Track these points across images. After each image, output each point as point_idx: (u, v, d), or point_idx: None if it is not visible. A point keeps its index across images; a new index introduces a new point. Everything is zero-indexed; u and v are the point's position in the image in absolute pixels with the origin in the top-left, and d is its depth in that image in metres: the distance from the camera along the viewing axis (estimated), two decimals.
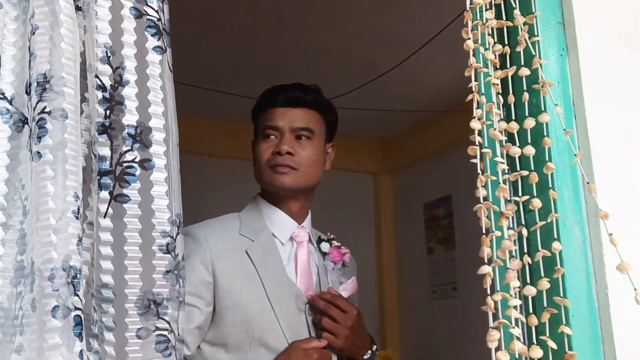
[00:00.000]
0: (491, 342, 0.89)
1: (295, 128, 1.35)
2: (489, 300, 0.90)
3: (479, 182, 0.95)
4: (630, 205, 1.06)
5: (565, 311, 0.97)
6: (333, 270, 1.39)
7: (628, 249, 1.03)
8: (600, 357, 0.99)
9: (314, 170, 1.35)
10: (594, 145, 1.05)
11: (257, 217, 1.37)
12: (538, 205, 0.98)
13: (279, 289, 1.28)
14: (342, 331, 1.27)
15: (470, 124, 0.96)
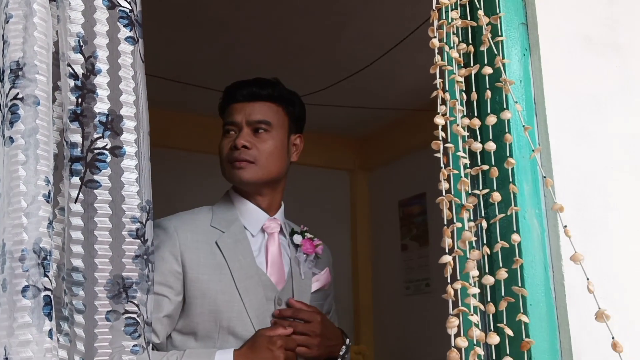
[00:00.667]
0: (450, 329, 0.93)
1: (252, 121, 1.37)
2: (449, 288, 0.94)
3: (441, 175, 0.98)
4: (587, 199, 1.11)
5: (523, 300, 1.01)
6: (305, 262, 1.41)
7: (583, 241, 1.08)
8: (556, 345, 1.03)
9: (273, 162, 1.37)
10: (553, 141, 1.10)
11: (229, 209, 1.39)
12: (498, 198, 1.02)
13: (248, 279, 1.30)
14: (313, 341, 1.31)
15: (434, 119, 1.00)
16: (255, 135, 1.37)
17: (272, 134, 1.37)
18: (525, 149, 1.09)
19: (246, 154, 1.34)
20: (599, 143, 1.16)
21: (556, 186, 1.08)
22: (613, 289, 1.09)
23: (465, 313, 0.94)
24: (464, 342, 0.92)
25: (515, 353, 0.99)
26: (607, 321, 0.92)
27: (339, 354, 1.38)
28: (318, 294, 1.44)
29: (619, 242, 1.12)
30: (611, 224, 1.12)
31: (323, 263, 1.49)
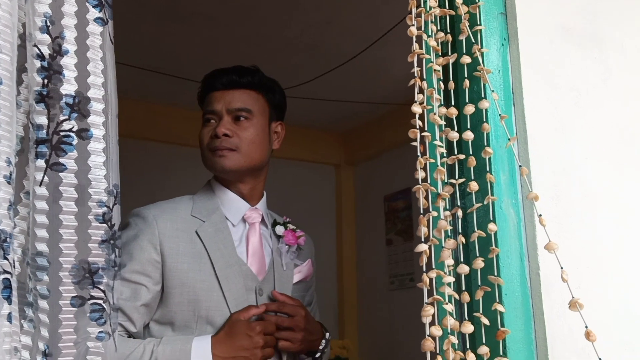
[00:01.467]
0: (425, 317, 0.92)
1: (232, 109, 1.35)
2: (424, 277, 0.94)
3: (418, 164, 0.98)
4: (564, 190, 1.11)
5: (499, 290, 1.01)
6: (287, 253, 1.40)
7: (559, 231, 1.08)
8: (531, 334, 1.03)
9: (255, 150, 1.35)
10: (530, 131, 1.09)
11: (210, 199, 1.38)
12: (475, 187, 1.02)
13: (228, 268, 1.28)
14: (297, 336, 1.29)
15: (411, 107, 0.99)
16: (235, 124, 1.35)
17: (253, 122, 1.36)
18: (503, 138, 1.08)
19: (227, 142, 1.33)
20: (577, 134, 1.16)
21: (533, 176, 1.08)
22: (588, 279, 1.09)
23: (440, 302, 0.93)
24: (438, 331, 0.92)
25: (491, 342, 0.99)
26: (581, 310, 0.92)
27: (319, 348, 1.36)
28: (300, 285, 1.43)
29: (595, 233, 1.13)
30: (588, 215, 1.13)
31: (305, 254, 1.48)
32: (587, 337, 0.91)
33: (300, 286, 1.43)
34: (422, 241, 0.95)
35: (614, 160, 1.19)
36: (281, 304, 1.31)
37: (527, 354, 1.02)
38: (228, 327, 1.22)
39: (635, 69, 1.29)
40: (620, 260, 1.14)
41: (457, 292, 0.97)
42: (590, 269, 1.10)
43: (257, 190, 1.42)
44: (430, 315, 0.92)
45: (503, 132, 1.08)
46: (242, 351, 1.19)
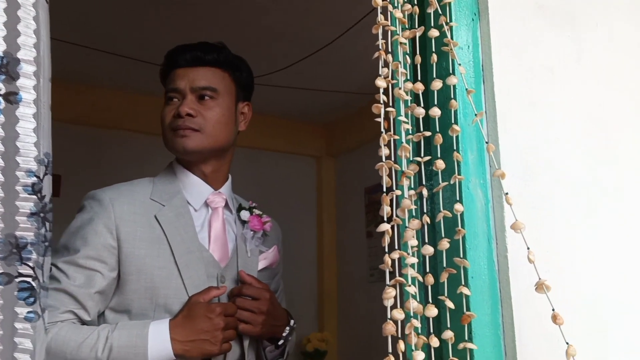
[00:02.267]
0: (387, 300, 0.88)
1: (196, 88, 1.28)
2: (386, 257, 0.90)
3: (381, 140, 0.93)
4: (534, 170, 1.07)
5: (465, 272, 0.97)
6: (253, 239, 1.34)
7: (528, 213, 1.04)
8: (498, 318, 1.00)
9: (220, 131, 1.29)
10: (500, 109, 1.05)
11: (171, 182, 1.31)
12: (441, 166, 0.98)
13: (188, 255, 1.22)
14: (257, 318, 1.24)
15: (375, 82, 0.95)
16: (200, 103, 1.28)
17: (218, 101, 1.29)
18: (471, 116, 1.04)
19: (191, 122, 1.26)
20: (549, 113, 1.12)
21: (502, 156, 1.04)
22: (558, 263, 1.06)
23: (403, 284, 0.89)
24: (400, 314, 0.88)
25: (456, 326, 0.95)
26: (548, 292, 0.88)
27: (282, 335, 1.32)
28: (265, 272, 1.38)
29: (566, 216, 1.09)
30: (559, 197, 1.09)
31: (271, 241, 1.43)
32: (553, 321, 0.88)
33: (266, 273, 1.38)
34: (384, 221, 0.91)
35: (587, 141, 1.15)
36: (245, 286, 1.25)
37: (493, 339, 0.98)
38: (187, 309, 1.16)
39: (609, 48, 1.25)
40: (592, 244, 1.11)
41: (421, 274, 0.93)
42: (560, 253, 1.07)
43: (221, 174, 1.35)
44: (392, 297, 0.88)
45: (472, 110, 1.04)
46: (202, 334, 1.14)
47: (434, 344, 0.90)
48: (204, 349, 1.14)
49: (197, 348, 1.13)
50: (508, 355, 0.99)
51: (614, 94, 1.23)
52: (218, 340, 1.15)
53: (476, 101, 1.06)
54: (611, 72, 1.24)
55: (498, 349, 0.98)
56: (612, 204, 1.14)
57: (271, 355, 1.34)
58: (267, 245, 1.40)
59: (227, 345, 1.18)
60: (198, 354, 1.14)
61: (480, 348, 0.96)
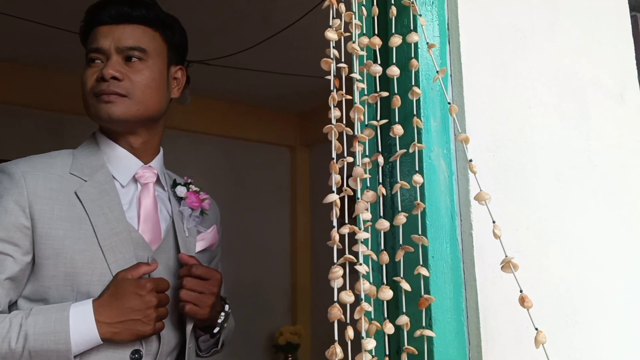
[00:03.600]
0: (334, 281, 0.78)
1: (123, 48, 1.13)
2: (333, 233, 0.79)
3: (330, 100, 0.82)
4: (504, 139, 0.97)
5: (424, 251, 0.87)
6: (190, 218, 1.21)
7: (496, 186, 0.94)
8: (462, 302, 0.90)
9: (150, 96, 1.14)
10: (467, 73, 0.95)
11: (94, 154, 1.16)
12: (399, 132, 0.87)
13: (115, 236, 1.08)
14: (207, 300, 1.12)
15: (325, 33, 0.84)
16: (127, 65, 1.13)
17: (148, 63, 1.14)
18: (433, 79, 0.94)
19: (116, 86, 1.11)
20: (520, 79, 1.02)
21: (467, 123, 0.94)
22: (529, 242, 0.96)
23: (353, 263, 0.79)
24: (349, 297, 0.77)
25: (412, 311, 0.85)
26: (515, 271, 0.78)
27: (218, 322, 1.19)
28: (203, 254, 1.24)
29: (537, 191, 0.99)
30: (529, 169, 0.99)
31: (210, 220, 1.29)
32: (521, 303, 0.78)
33: (204, 255, 1.24)
34: (333, 191, 0.80)
35: (561, 110, 1.06)
36: (195, 265, 1.12)
37: (455, 325, 0.88)
38: (113, 287, 1.02)
39: (585, 14, 1.16)
40: (565, 221, 1.01)
41: (376, 252, 0.83)
42: (530, 230, 0.97)
43: (151, 146, 1.20)
44: (339, 277, 0.77)
45: (435, 73, 0.94)
46: (133, 313, 1.00)
47: (387, 331, 0.80)
48: (136, 330, 1.00)
49: (127, 330, 1.00)
50: (472, 343, 0.89)
51: (591, 63, 1.14)
52: (151, 319, 1.01)
53: (441, 62, 0.96)
54: (587, 39, 1.14)
55: (460, 336, 0.88)
56: (587, 177, 1.05)
57: (205, 346, 1.22)
58: (205, 225, 1.26)
59: (160, 324, 1.05)
60: (129, 336, 1.01)
61: (440, 335, 0.85)
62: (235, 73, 3.52)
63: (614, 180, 1.08)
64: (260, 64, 3.43)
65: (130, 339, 1.01)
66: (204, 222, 1.26)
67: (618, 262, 1.05)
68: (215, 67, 3.38)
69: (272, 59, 3.37)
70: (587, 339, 0.98)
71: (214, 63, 3.33)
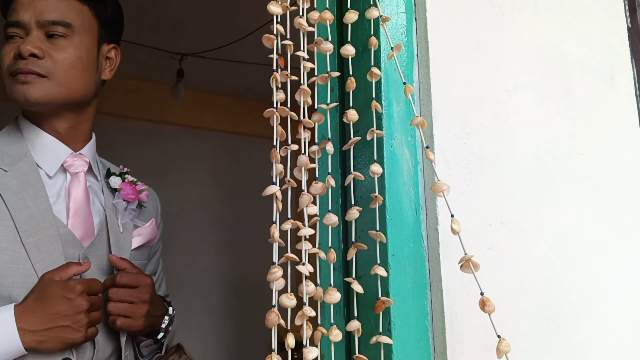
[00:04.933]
0: (273, 282, 0.69)
1: (44, 22, 1.02)
2: (272, 229, 0.71)
3: (272, 81, 0.74)
4: (475, 125, 0.88)
5: (382, 249, 0.78)
6: (126, 211, 1.11)
7: (466, 177, 0.86)
8: (426, 305, 0.81)
9: (74, 78, 1.03)
10: (434, 50, 0.86)
11: (16, 141, 1.05)
12: (354, 117, 0.78)
13: (39, 233, 0.98)
14: (140, 310, 1.02)
15: (268, 6, 0.75)
16: (49, 42, 1.03)
17: (74, 40, 1.04)
18: (397, 59, 0.85)
19: (35, 65, 1.00)
20: (495, 59, 0.93)
21: (435, 107, 0.85)
22: (504, 238, 0.87)
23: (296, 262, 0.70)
24: (290, 300, 0.69)
25: (367, 316, 0.77)
26: (476, 272, 0.69)
27: (162, 327, 1.09)
28: (141, 251, 1.14)
29: (513, 182, 0.90)
30: (505, 158, 0.90)
31: (148, 213, 1.18)
32: (482, 307, 0.69)
33: (142, 252, 1.14)
34: (273, 182, 0.72)
35: (541, 93, 0.96)
36: (120, 273, 1.02)
37: (418, 330, 0.80)
38: (38, 290, 0.92)
39: None
40: (546, 216, 0.92)
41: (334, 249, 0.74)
42: (506, 225, 0.88)
43: (80, 131, 1.09)
44: (278, 279, 0.69)
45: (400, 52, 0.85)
46: (60, 319, 0.90)
47: (334, 338, 0.71)
48: (64, 338, 0.91)
49: (54, 337, 0.90)
50: (437, 350, 0.80)
51: (578, 41, 1.04)
52: (82, 325, 0.92)
53: (406, 42, 0.87)
54: (571, 18, 1.04)
55: (424, 342, 0.80)
56: (571, 167, 0.96)
57: (147, 351, 1.13)
58: (143, 219, 1.16)
59: (93, 329, 0.96)
60: (57, 344, 0.91)
61: (400, 342, 0.77)
62: (241, 67, 3.44)
63: (602, 170, 0.98)
64: (259, 57, 3.35)
65: (59, 348, 0.92)
66: (141, 215, 1.15)
67: (605, 260, 0.95)
68: (217, 62, 3.31)
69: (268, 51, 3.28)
70: (569, 345, 0.88)
71: (208, 56, 3.26)
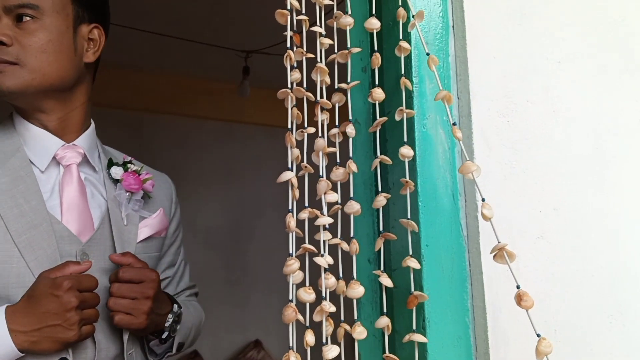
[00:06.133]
0: (290, 275, 0.65)
1: (10, 6, 0.97)
2: (288, 218, 0.66)
3: (286, 59, 0.69)
4: (520, 100, 0.79)
5: (415, 238, 0.72)
6: (130, 203, 1.05)
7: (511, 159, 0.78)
8: (466, 300, 0.73)
9: (47, 62, 0.98)
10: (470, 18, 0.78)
11: (9, 137, 1.02)
12: (379, 97, 0.72)
13: (32, 230, 0.95)
14: (142, 306, 0.97)
15: None
16: (17, 27, 0.98)
17: (43, 22, 0.99)
18: (430, 32, 0.78)
19: (4, 53, 0.96)
20: (544, 28, 0.84)
21: (472, 82, 0.77)
22: (555, 222, 0.78)
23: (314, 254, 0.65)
24: (308, 295, 0.64)
25: (401, 312, 0.70)
26: (511, 262, 0.61)
27: (165, 326, 1.03)
28: (150, 243, 1.09)
29: (568, 161, 0.81)
30: (558, 135, 0.81)
31: (156, 203, 1.12)
32: (518, 302, 0.61)
33: (151, 244, 1.09)
34: (289, 168, 0.67)
35: (599, 63, 0.86)
36: (123, 268, 0.97)
37: (457, 328, 0.72)
38: (30, 289, 0.89)
39: None
40: (604, 200, 0.82)
41: (345, 240, 0.69)
42: (559, 212, 0.78)
43: (71, 121, 1.05)
44: (295, 271, 0.64)
45: (432, 23, 0.78)
46: (50, 318, 0.86)
47: (357, 336, 0.65)
48: (57, 337, 0.87)
49: (47, 337, 0.87)
50: (479, 350, 0.72)
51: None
52: (72, 323, 0.87)
53: (440, 12, 0.80)
54: None
55: (464, 341, 0.72)
56: (635, 146, 0.85)
57: (160, 350, 1.07)
58: (150, 209, 1.10)
59: (88, 328, 0.91)
60: (51, 344, 0.87)
61: (435, 341, 0.70)
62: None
63: None
64: None
65: (55, 348, 0.88)
66: (148, 205, 1.10)
67: None
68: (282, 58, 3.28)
69: None
70: (636, 345, 0.78)
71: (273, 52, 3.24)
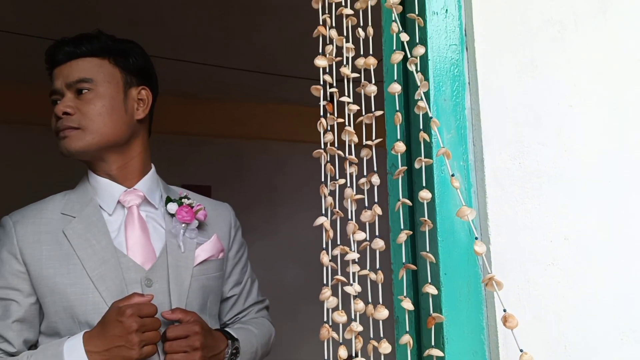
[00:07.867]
0: (325, 301, 0.80)
1: (70, 83, 1.20)
2: (322, 255, 0.82)
3: (320, 125, 0.85)
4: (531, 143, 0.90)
5: (434, 268, 0.85)
6: (185, 233, 1.24)
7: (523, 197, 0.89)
8: (481, 320, 0.85)
9: (103, 123, 1.20)
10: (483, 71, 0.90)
11: (84, 190, 1.25)
12: (401, 149, 0.86)
13: (103, 265, 1.16)
14: (194, 356, 1.14)
15: (315, 61, 0.87)
16: (78, 98, 1.20)
17: (98, 92, 1.20)
18: (447, 90, 0.91)
19: (69, 121, 1.18)
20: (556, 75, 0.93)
21: (485, 131, 0.89)
22: (566, 251, 0.88)
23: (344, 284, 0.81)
24: (341, 317, 0.80)
25: (425, 331, 0.83)
26: (499, 290, 0.73)
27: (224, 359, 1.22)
28: (208, 265, 1.27)
29: (577, 195, 0.90)
30: (569, 172, 0.90)
31: (212, 229, 1.31)
32: (503, 323, 0.73)
33: (210, 266, 1.28)
34: (323, 214, 0.83)
35: (611, 103, 0.94)
36: (169, 328, 1.15)
37: (475, 343, 0.84)
38: (103, 317, 1.10)
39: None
40: (618, 230, 0.90)
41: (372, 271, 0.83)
42: (570, 240, 0.88)
43: (130, 169, 1.26)
44: (329, 298, 0.80)
45: (448, 79, 0.91)
46: (116, 340, 1.06)
47: (383, 350, 0.79)
48: (122, 356, 1.07)
49: (115, 357, 1.07)
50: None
51: None
52: (134, 344, 1.07)
53: (457, 72, 0.92)
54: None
55: (480, 356, 0.84)
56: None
57: None
58: (206, 235, 1.30)
59: (149, 348, 1.11)
60: None
61: (452, 355, 0.82)
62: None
63: None
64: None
65: None
66: (204, 232, 1.29)
67: None
68: None
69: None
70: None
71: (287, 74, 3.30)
